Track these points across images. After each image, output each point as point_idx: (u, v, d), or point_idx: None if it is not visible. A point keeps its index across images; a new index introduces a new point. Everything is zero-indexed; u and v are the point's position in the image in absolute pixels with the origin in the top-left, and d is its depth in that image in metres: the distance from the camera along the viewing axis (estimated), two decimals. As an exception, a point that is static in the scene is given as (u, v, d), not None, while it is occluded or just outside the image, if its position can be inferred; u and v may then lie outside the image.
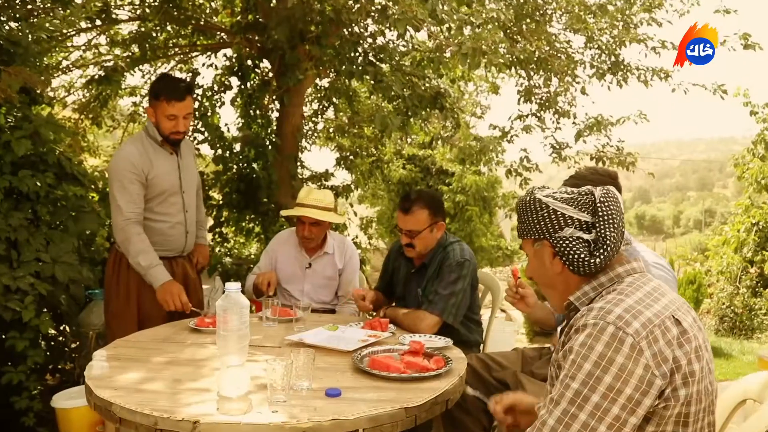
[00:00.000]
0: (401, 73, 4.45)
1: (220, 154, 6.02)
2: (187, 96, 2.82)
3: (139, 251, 2.74)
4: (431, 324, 2.56)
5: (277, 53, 5.44)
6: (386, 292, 3.13)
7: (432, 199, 2.79)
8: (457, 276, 2.65)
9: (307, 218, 3.11)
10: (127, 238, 2.76)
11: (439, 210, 2.80)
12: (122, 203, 2.76)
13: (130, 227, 2.76)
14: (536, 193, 1.51)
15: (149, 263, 2.74)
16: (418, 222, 2.73)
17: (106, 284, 2.98)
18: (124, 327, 2.80)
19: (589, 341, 1.28)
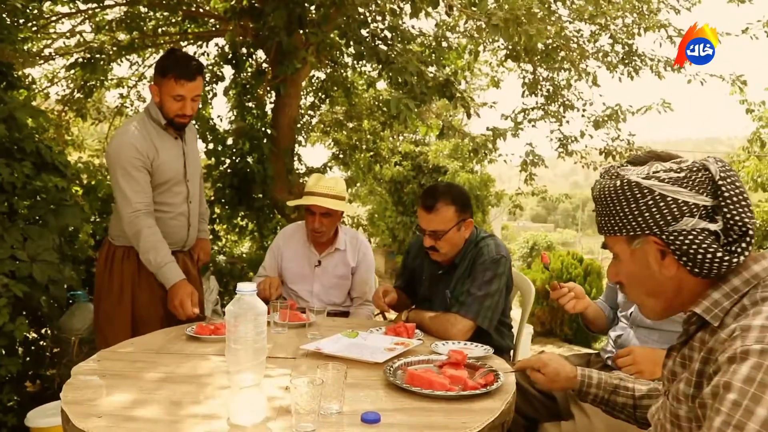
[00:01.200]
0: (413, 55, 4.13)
1: (213, 147, 5.68)
2: (198, 76, 2.50)
3: (150, 247, 2.44)
4: (464, 329, 2.25)
5: (273, 40, 5.12)
6: (406, 292, 2.82)
7: (458, 194, 2.44)
8: (493, 275, 2.35)
9: (318, 208, 2.78)
10: (138, 231, 2.45)
11: (466, 206, 2.45)
12: (130, 193, 2.45)
13: (141, 220, 2.45)
14: (629, 174, 1.16)
15: (161, 260, 2.43)
16: (443, 221, 2.39)
17: (96, 281, 2.65)
18: (116, 330, 2.49)
19: (759, 376, 0.93)
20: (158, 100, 2.53)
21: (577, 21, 5.32)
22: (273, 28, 4.95)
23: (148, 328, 2.37)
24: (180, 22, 6.27)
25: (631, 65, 5.56)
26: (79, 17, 6.16)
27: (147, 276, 2.53)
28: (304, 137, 7.63)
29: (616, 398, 1.55)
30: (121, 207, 2.48)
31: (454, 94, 4.45)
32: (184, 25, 6.33)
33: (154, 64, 2.62)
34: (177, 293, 2.40)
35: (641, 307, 1.27)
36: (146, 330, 2.35)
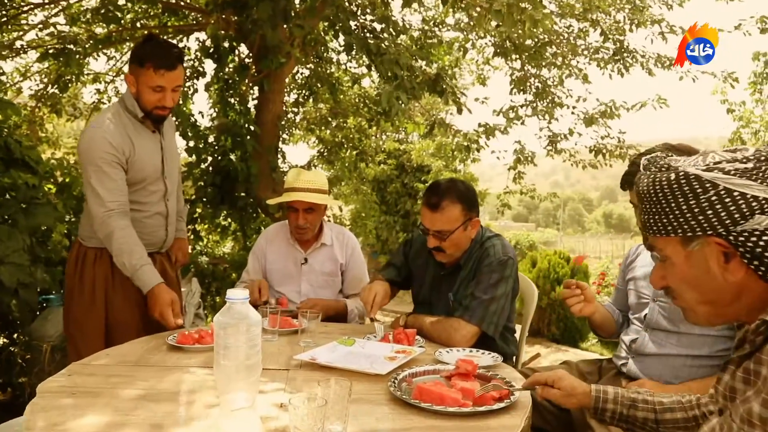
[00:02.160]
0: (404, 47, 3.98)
1: (194, 144, 5.47)
2: (178, 65, 2.31)
3: (124, 250, 2.22)
4: (468, 335, 2.10)
5: (256, 34, 4.93)
6: (397, 285, 2.60)
7: (465, 191, 2.26)
8: (500, 277, 2.20)
9: (301, 203, 2.64)
10: (111, 233, 2.23)
11: (473, 204, 2.27)
12: (103, 192, 2.24)
13: (114, 220, 2.24)
14: (684, 165, 1.02)
15: (136, 263, 2.22)
16: (449, 220, 2.21)
17: (66, 285, 2.45)
18: (88, 338, 2.30)
19: None
20: (135, 91, 2.32)
21: (568, 17, 5.20)
22: (256, 21, 4.77)
23: (124, 336, 2.19)
24: (159, 14, 6.05)
25: (621, 62, 5.47)
26: (52, 8, 5.91)
27: (121, 279, 2.33)
28: (288, 135, 7.45)
29: (636, 413, 1.41)
30: (93, 206, 2.27)
31: (444, 90, 4.31)
32: (163, 18, 6.11)
33: (131, 51, 2.41)
34: (156, 302, 2.19)
35: (690, 313, 1.13)
36: (121, 337, 2.17)
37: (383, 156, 11.22)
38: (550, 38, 5.40)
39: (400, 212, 14.18)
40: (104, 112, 2.42)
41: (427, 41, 5.60)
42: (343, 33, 3.53)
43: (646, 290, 2.05)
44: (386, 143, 11.45)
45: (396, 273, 2.57)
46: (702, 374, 1.82)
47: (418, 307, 2.49)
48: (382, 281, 2.42)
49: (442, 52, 6.46)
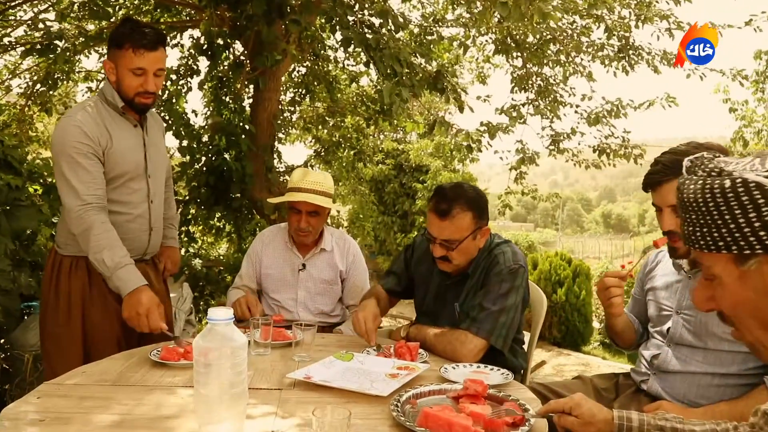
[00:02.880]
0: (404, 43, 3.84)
1: (187, 144, 5.32)
2: (159, 45, 2.15)
3: (104, 245, 2.04)
4: (475, 349, 1.95)
5: (251, 30, 4.79)
6: (398, 296, 2.47)
7: (476, 198, 2.11)
8: (510, 287, 2.05)
9: (306, 205, 2.48)
10: (88, 228, 2.05)
11: (484, 211, 2.13)
12: (77, 184, 2.07)
13: (91, 215, 2.06)
14: (743, 171, 0.87)
15: (118, 260, 2.03)
16: (458, 229, 2.06)
17: (42, 296, 2.29)
18: (64, 354, 2.13)
19: None
20: (114, 78, 2.17)
21: (572, 13, 5.06)
22: (251, 17, 4.62)
23: (103, 351, 2.03)
24: (151, 10, 5.89)
25: (626, 59, 5.33)
26: (42, 4, 5.75)
27: (100, 290, 2.17)
28: (284, 134, 7.30)
29: None
30: (67, 200, 2.08)
31: (445, 87, 4.16)
32: (156, 14, 5.95)
33: (108, 36, 2.25)
34: (140, 301, 2.00)
35: (758, 348, 0.96)
36: (100, 353, 2.01)
37: (381, 156, 11.07)
38: (554, 35, 5.26)
39: (398, 212, 14.04)
40: (81, 105, 2.25)
41: (426, 38, 5.46)
42: (341, 27, 3.38)
43: (668, 302, 1.89)
44: (384, 143, 11.30)
45: (396, 281, 2.42)
46: (731, 395, 1.67)
47: (421, 316, 2.34)
48: (370, 301, 2.23)
49: (442, 49, 6.32)
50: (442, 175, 13.22)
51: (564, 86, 6.11)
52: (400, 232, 14.02)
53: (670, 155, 1.76)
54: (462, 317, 2.10)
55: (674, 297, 1.86)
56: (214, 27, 5.14)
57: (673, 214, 1.75)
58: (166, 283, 2.55)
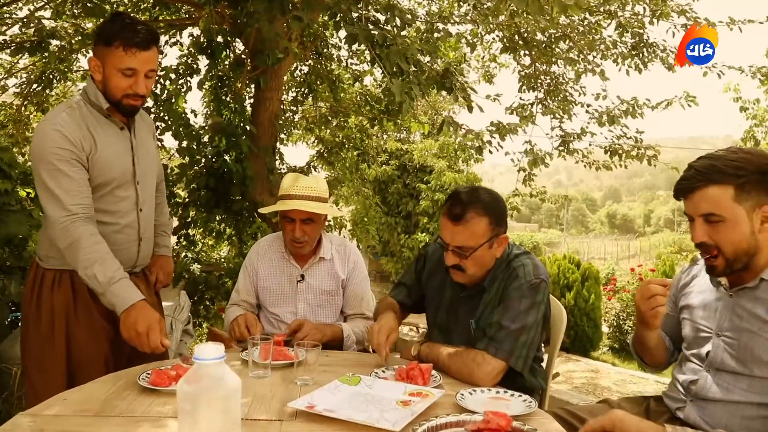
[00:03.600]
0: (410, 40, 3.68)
1: (187, 144, 5.17)
2: (152, 45, 1.99)
3: (95, 258, 1.87)
4: (493, 372, 1.79)
5: (252, 28, 4.63)
6: (408, 309, 2.31)
7: (493, 203, 1.95)
8: (530, 303, 1.89)
9: (298, 213, 2.31)
10: (76, 241, 1.87)
11: (501, 218, 1.96)
12: (61, 193, 1.89)
13: (78, 226, 1.89)
14: None
15: (112, 275, 1.85)
16: (473, 235, 1.90)
17: (23, 312, 2.11)
18: (47, 377, 1.96)
19: None
20: (101, 77, 1.99)
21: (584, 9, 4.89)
22: (252, 14, 4.47)
23: (89, 372, 1.87)
24: (150, 8, 5.74)
25: (639, 57, 5.16)
26: (38, 1, 5.61)
27: (85, 306, 2.00)
28: (285, 135, 7.15)
29: None
30: (50, 211, 1.90)
31: (454, 86, 4.00)
32: (154, 12, 5.80)
33: (96, 30, 2.08)
34: (139, 318, 1.81)
35: None
36: (86, 374, 1.86)
37: (385, 156, 10.92)
38: (564, 32, 5.09)
39: (401, 213, 13.90)
40: (62, 107, 2.06)
41: (432, 35, 5.30)
42: (345, 23, 3.22)
43: (706, 322, 1.71)
44: (388, 143, 11.15)
45: (406, 294, 2.26)
46: (781, 427, 1.51)
47: (433, 330, 2.17)
48: (387, 314, 2.08)
49: (448, 47, 6.16)
50: (446, 176, 13.08)
51: (574, 85, 5.95)
52: (404, 233, 13.88)
53: (706, 160, 1.60)
54: (478, 335, 1.93)
55: (713, 317, 1.68)
56: (213, 24, 4.99)
57: (706, 224, 1.59)
58: (158, 295, 2.38)
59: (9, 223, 3.13)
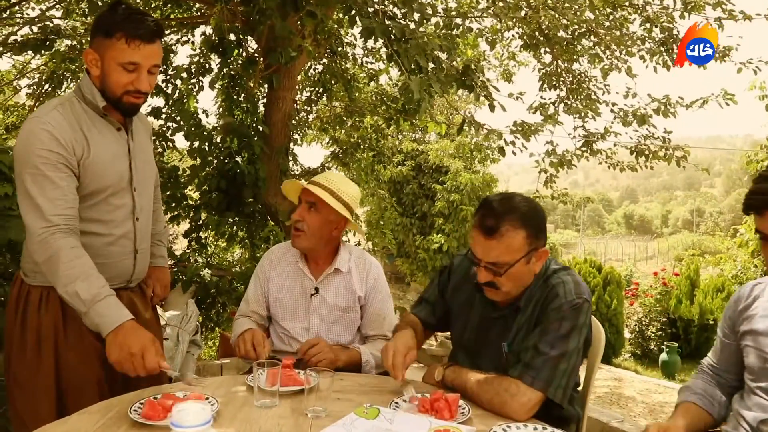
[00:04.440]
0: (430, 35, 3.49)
1: (198, 145, 5.04)
2: (156, 39, 1.80)
3: (77, 274, 1.66)
4: (529, 404, 1.59)
5: (265, 25, 4.48)
6: (430, 327, 2.10)
7: (531, 213, 1.73)
8: (571, 326, 1.68)
9: (305, 195, 2.19)
10: (54, 255, 1.66)
11: (541, 230, 1.75)
12: (43, 201, 1.68)
13: (58, 239, 1.68)
14: None
15: (96, 292, 1.65)
16: (508, 250, 1.69)
17: (6, 333, 1.87)
18: (34, 404, 1.77)
19: None
20: (99, 72, 1.79)
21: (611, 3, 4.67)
22: (265, 11, 4.32)
23: (80, 398, 1.70)
24: (161, 6, 5.61)
25: (668, 53, 4.92)
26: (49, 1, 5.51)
27: (75, 326, 1.80)
28: (299, 135, 7.00)
29: None
30: (29, 222, 1.70)
31: (474, 84, 3.80)
32: (165, 10, 5.68)
33: (93, 21, 1.89)
34: (131, 338, 1.61)
35: None
36: (77, 400, 1.68)
37: (401, 157, 10.74)
38: (589, 27, 4.87)
39: (416, 214, 13.71)
40: (52, 104, 1.82)
41: (451, 32, 5.11)
42: (361, 17, 3.04)
43: None
44: (403, 143, 10.97)
45: (430, 311, 2.05)
46: None
47: (459, 350, 1.96)
48: (405, 332, 1.88)
49: (466, 45, 5.97)
50: (462, 176, 12.88)
51: (597, 83, 5.72)
52: (419, 234, 13.69)
53: None
54: (510, 360, 1.73)
55: None
56: (225, 22, 4.85)
57: None
58: (155, 310, 2.19)
59: (10, 229, 2.99)
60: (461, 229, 13.19)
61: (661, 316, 7.79)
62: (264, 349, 1.98)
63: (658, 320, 7.79)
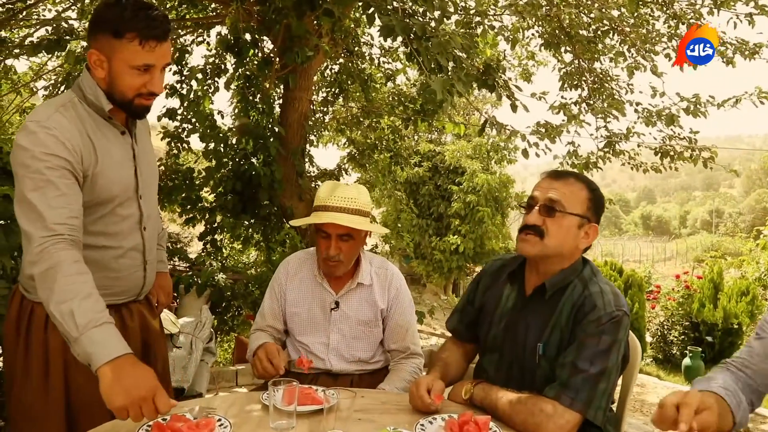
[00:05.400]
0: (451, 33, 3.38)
1: (213, 147, 4.98)
2: (168, 34, 1.65)
3: (74, 293, 1.45)
4: (567, 426, 1.47)
5: (281, 24, 4.40)
6: (464, 335, 1.98)
7: (597, 190, 1.74)
8: (611, 341, 1.55)
9: (334, 228, 2.01)
10: (54, 267, 1.47)
11: (600, 207, 1.73)
12: (44, 208, 1.52)
13: (59, 249, 1.50)
14: None
15: (89, 318, 1.42)
16: (571, 195, 1.67)
17: (6, 354, 1.75)
18: (41, 429, 1.66)
19: None
20: (104, 74, 1.64)
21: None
22: (281, 10, 4.24)
23: (92, 417, 1.59)
24: (176, 6, 5.56)
25: (694, 51, 4.76)
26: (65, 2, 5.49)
27: None
28: (315, 136, 6.92)
29: None
30: (29, 229, 1.53)
31: (496, 83, 3.68)
32: (181, 10, 5.62)
33: (92, 18, 1.68)
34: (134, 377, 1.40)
35: None
36: (89, 420, 1.58)
37: (418, 158, 10.65)
38: (612, 25, 4.73)
39: (432, 215, 13.61)
40: (49, 104, 1.67)
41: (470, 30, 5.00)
42: (380, 14, 2.94)
43: None
44: (420, 144, 10.87)
45: (458, 320, 1.96)
46: None
47: (485, 355, 1.84)
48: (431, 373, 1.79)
49: (485, 44, 5.85)
50: (478, 177, 12.76)
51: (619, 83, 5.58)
52: (435, 235, 13.58)
53: None
54: (543, 366, 1.63)
55: None
56: (241, 22, 4.78)
57: None
58: (161, 321, 2.06)
59: (18, 233, 2.93)
60: (478, 230, 13.07)
61: (683, 320, 7.61)
62: (280, 360, 1.87)
63: (681, 324, 7.61)
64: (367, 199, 2.10)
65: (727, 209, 61.50)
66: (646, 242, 39.22)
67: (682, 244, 36.47)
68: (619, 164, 5.88)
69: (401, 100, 6.26)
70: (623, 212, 72.22)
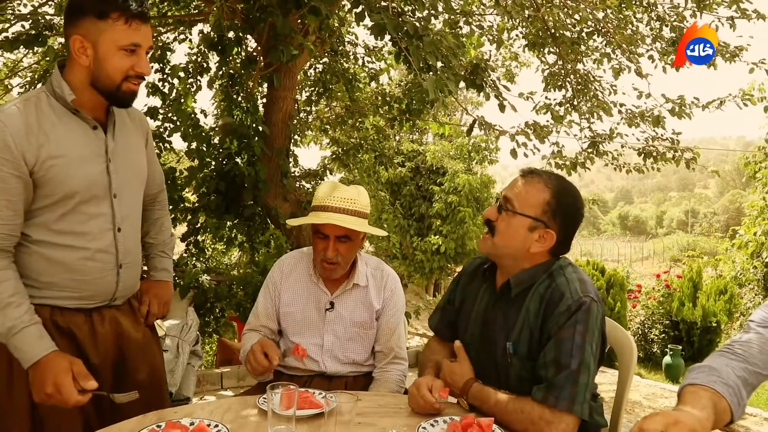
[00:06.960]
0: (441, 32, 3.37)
1: (196, 146, 4.90)
2: (148, 17, 1.65)
3: None
4: (568, 429, 1.46)
5: (265, 22, 4.35)
6: (446, 334, 1.95)
7: (564, 197, 1.66)
8: (584, 330, 1.53)
9: (333, 229, 1.98)
10: None
11: (562, 215, 1.65)
12: None
13: None
14: None
15: (8, 327, 1.52)
16: (526, 196, 1.65)
17: None
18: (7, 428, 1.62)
19: None
20: (89, 62, 1.61)
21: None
22: (265, 8, 4.18)
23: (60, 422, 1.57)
24: (158, 3, 5.46)
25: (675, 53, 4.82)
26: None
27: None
28: (298, 136, 6.87)
29: None
30: None
31: (484, 83, 3.68)
32: (162, 7, 5.52)
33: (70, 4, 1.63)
34: (45, 375, 1.50)
35: None
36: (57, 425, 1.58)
37: (401, 158, 10.63)
38: (597, 27, 4.76)
39: (414, 216, 13.60)
40: (15, 99, 1.66)
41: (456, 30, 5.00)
42: (370, 12, 2.91)
43: None
44: (403, 144, 10.86)
45: (438, 318, 1.96)
46: None
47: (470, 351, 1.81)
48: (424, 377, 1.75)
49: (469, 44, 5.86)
50: (459, 177, 12.79)
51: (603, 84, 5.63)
52: (417, 235, 13.57)
53: None
54: (514, 364, 1.63)
55: None
56: (224, 20, 4.71)
57: None
58: (153, 329, 1.98)
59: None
60: (459, 231, 13.09)
61: (664, 319, 7.71)
62: (275, 353, 1.84)
63: (661, 323, 7.72)
64: (367, 200, 2.07)
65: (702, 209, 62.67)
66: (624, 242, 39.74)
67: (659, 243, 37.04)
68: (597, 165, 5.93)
69: (386, 100, 6.24)
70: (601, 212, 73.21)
